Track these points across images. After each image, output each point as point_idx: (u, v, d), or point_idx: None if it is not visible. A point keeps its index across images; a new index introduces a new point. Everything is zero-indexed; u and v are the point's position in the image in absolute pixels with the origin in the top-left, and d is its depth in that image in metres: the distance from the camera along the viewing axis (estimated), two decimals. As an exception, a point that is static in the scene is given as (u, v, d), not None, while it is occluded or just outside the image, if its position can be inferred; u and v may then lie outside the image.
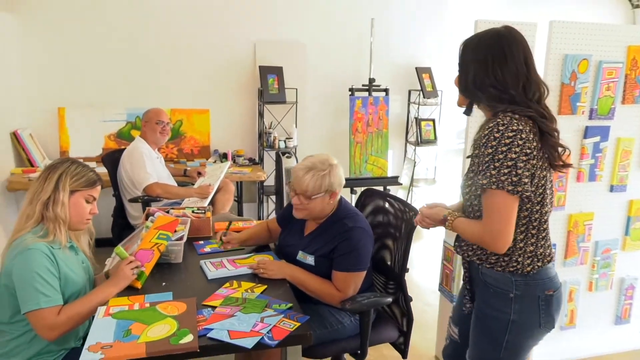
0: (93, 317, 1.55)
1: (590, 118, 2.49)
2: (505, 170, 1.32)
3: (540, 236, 1.46)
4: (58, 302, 1.56)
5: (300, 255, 1.95)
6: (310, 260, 1.92)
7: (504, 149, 1.32)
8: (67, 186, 1.66)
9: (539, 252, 1.45)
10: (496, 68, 1.39)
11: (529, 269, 1.44)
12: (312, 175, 1.83)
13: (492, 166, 1.34)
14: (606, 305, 2.77)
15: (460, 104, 1.57)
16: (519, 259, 1.43)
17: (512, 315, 1.43)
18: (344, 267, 1.85)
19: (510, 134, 1.33)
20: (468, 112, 1.54)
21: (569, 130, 2.48)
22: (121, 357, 1.32)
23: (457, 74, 1.52)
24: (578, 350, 2.74)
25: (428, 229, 1.65)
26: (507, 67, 1.39)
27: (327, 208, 1.92)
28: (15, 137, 3.64)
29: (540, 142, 1.39)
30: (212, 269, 1.90)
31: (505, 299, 1.44)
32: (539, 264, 1.45)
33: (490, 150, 1.34)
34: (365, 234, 1.90)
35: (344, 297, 1.85)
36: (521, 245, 1.43)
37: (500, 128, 1.33)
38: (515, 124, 1.34)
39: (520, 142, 1.33)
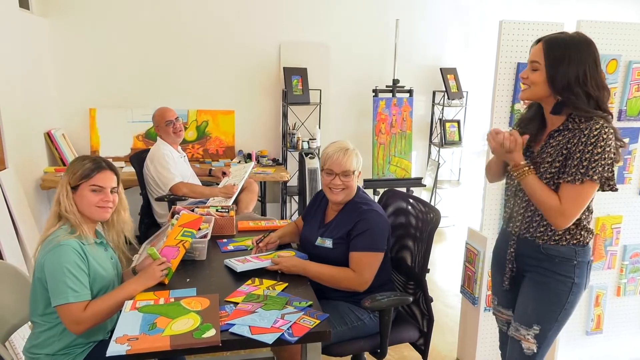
0: (120, 311, 1.60)
1: (619, 119, 2.44)
2: (607, 168, 1.55)
3: (592, 215, 1.71)
4: (85, 298, 1.61)
5: (319, 241, 2.03)
6: (328, 243, 1.99)
7: (609, 149, 1.53)
8: (65, 184, 1.71)
9: (590, 227, 1.70)
10: (594, 71, 1.56)
11: (587, 240, 1.68)
12: (349, 154, 2.01)
13: (600, 163, 1.53)
14: (635, 310, 2.70)
15: (528, 98, 1.67)
16: (582, 233, 1.67)
17: (575, 279, 1.67)
18: (360, 247, 1.91)
19: (611, 136, 1.54)
20: (558, 110, 1.62)
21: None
22: (146, 349, 1.37)
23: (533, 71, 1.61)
24: (605, 356, 2.68)
25: (502, 147, 1.64)
26: (598, 71, 1.57)
27: (355, 187, 2.05)
28: (48, 137, 3.78)
29: None
30: (239, 264, 1.93)
31: (569, 266, 1.67)
32: (591, 235, 1.70)
33: (599, 150, 1.53)
34: (380, 217, 1.98)
35: (361, 279, 1.90)
36: (584, 223, 1.67)
37: (606, 130, 1.53)
38: (611, 128, 1.55)
39: (614, 145, 1.56)
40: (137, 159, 3.30)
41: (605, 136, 1.52)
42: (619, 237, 2.55)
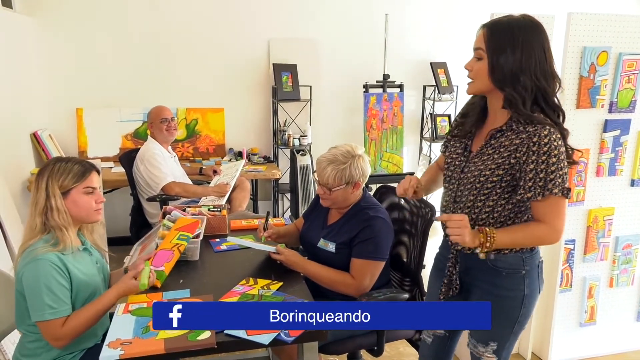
0: (112, 314, 1.57)
1: (610, 111, 2.45)
2: (566, 177, 1.41)
3: None
4: (63, 314, 1.53)
5: (322, 243, 1.97)
6: (331, 247, 1.95)
7: (562, 157, 1.39)
8: (56, 189, 1.58)
9: None
10: (541, 59, 1.39)
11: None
12: (332, 168, 1.87)
13: (558, 174, 1.39)
14: (627, 301, 2.72)
15: (474, 92, 1.53)
16: None
17: (525, 291, 1.53)
18: (362, 254, 1.87)
19: (560, 142, 1.39)
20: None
21: (588, 123, 2.44)
22: (140, 353, 1.34)
23: (471, 59, 1.48)
24: (598, 347, 2.70)
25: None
26: (547, 58, 1.40)
27: (351, 198, 1.96)
28: (35, 138, 3.71)
29: None
30: (247, 242, 1.98)
31: (517, 278, 1.53)
32: None
33: (554, 160, 1.37)
34: (385, 225, 1.92)
35: (359, 286, 1.86)
36: None
37: (555, 137, 1.37)
38: (558, 132, 1.39)
39: (563, 150, 1.40)
40: (127, 158, 3.26)
41: (556, 143, 1.36)
42: (611, 229, 2.56)
